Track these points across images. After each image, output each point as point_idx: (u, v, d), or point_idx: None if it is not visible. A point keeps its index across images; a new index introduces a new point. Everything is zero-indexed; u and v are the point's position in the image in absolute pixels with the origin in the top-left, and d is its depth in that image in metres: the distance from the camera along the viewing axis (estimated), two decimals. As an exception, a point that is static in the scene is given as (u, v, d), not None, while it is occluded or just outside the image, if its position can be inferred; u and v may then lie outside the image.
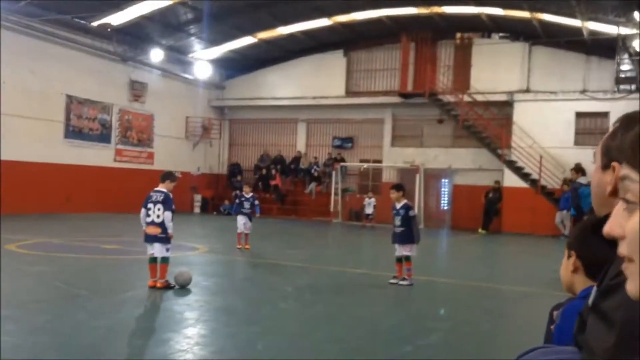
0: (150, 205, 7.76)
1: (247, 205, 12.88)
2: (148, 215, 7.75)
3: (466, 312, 7.83)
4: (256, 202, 13.23)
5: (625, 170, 0.76)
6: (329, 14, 22.89)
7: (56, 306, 6.75)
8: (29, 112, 19.24)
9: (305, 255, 13.24)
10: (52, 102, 20.25)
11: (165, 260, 7.82)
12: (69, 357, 4.80)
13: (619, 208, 0.75)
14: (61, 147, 20.64)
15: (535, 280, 10.41)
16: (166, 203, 7.74)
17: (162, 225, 7.70)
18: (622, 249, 0.72)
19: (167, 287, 7.73)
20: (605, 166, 0.94)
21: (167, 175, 8.09)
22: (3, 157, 18.12)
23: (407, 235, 8.88)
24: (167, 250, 7.81)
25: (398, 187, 9.35)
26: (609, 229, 0.75)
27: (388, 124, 25.08)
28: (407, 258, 8.95)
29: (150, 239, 7.78)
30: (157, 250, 7.75)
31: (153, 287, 7.71)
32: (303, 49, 25.59)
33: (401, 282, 8.93)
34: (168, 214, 7.70)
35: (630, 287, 0.73)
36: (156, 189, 7.93)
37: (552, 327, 1.79)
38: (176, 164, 23.55)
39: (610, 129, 1.22)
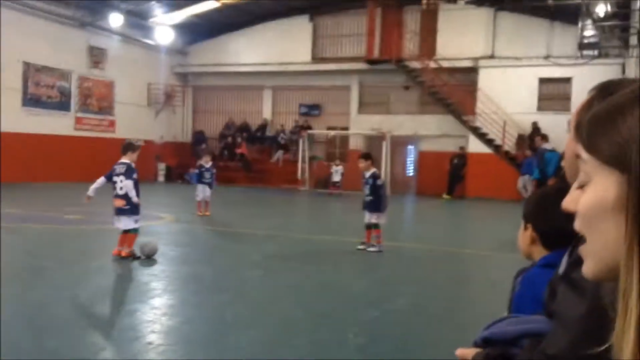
0: (115, 179, 7.65)
1: (207, 175, 13.18)
2: (114, 189, 7.66)
3: (433, 276, 7.96)
4: (214, 170, 13.53)
5: (579, 150, 0.75)
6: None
7: (21, 279, 6.61)
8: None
9: (273, 223, 13.23)
10: (9, 70, 19.52)
11: (133, 230, 7.73)
12: (36, 330, 4.71)
13: (575, 185, 0.77)
14: (19, 116, 20.02)
15: (499, 243, 10.62)
16: (126, 173, 7.61)
17: (126, 197, 7.58)
18: (576, 224, 0.73)
19: (133, 257, 7.63)
20: None
21: (127, 147, 7.95)
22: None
23: (376, 203, 8.97)
24: (136, 221, 7.71)
25: (366, 156, 9.40)
26: (565, 203, 0.78)
27: (355, 90, 24.99)
28: (376, 225, 9.06)
29: (117, 211, 7.68)
30: (123, 222, 7.65)
31: (118, 256, 7.61)
32: (268, 14, 25.13)
33: (369, 249, 9.03)
34: (128, 182, 7.57)
35: (584, 268, 0.75)
36: (119, 161, 7.79)
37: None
38: (138, 132, 23.11)
39: (586, 97, 1.19)
